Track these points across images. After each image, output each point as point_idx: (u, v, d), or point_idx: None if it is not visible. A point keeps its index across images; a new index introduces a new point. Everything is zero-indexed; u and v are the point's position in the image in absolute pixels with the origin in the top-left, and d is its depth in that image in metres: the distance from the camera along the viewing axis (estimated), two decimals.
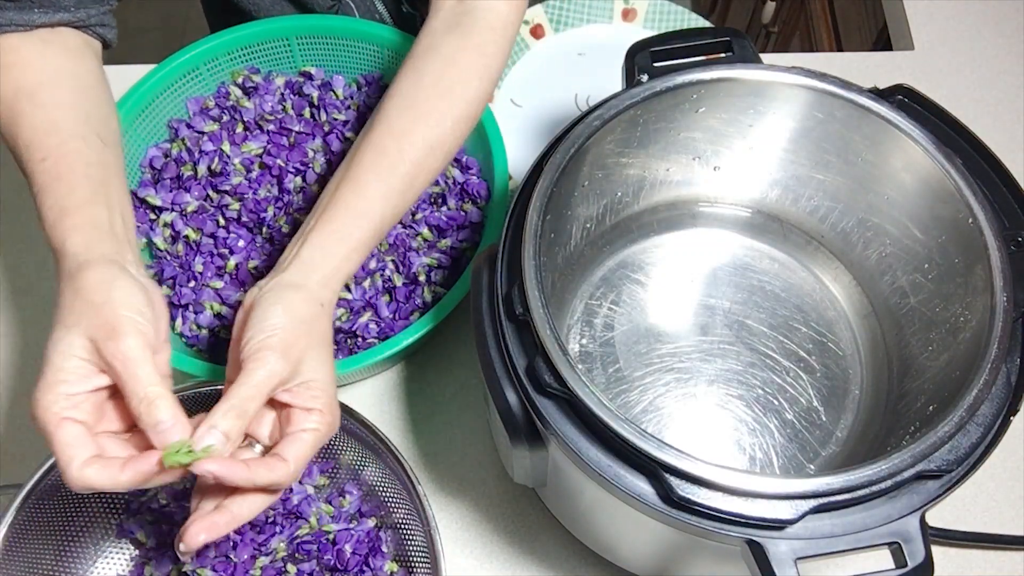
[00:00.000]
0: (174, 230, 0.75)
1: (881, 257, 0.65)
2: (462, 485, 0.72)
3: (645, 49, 0.60)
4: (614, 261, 0.70)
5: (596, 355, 0.67)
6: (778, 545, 0.46)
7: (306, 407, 0.51)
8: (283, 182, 0.76)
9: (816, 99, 0.60)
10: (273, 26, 0.79)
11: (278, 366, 0.50)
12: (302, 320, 0.52)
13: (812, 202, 0.68)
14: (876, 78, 0.72)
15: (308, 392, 0.51)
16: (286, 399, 0.51)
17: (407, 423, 0.74)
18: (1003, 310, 0.51)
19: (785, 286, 0.70)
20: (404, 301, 0.73)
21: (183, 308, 0.73)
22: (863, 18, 1.19)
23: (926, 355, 0.60)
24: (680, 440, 0.52)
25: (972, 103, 0.89)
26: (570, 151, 0.56)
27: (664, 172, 0.68)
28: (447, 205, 0.76)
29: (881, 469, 0.46)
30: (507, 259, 0.54)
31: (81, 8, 0.62)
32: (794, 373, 0.66)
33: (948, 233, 0.57)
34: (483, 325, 0.53)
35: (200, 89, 0.80)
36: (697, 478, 0.46)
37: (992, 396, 0.50)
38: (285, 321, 0.51)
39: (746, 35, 0.61)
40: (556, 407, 0.50)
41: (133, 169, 0.77)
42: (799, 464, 0.63)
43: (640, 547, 0.60)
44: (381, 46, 0.79)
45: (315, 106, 0.80)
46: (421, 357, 0.77)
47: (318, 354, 0.52)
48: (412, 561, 0.65)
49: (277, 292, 0.53)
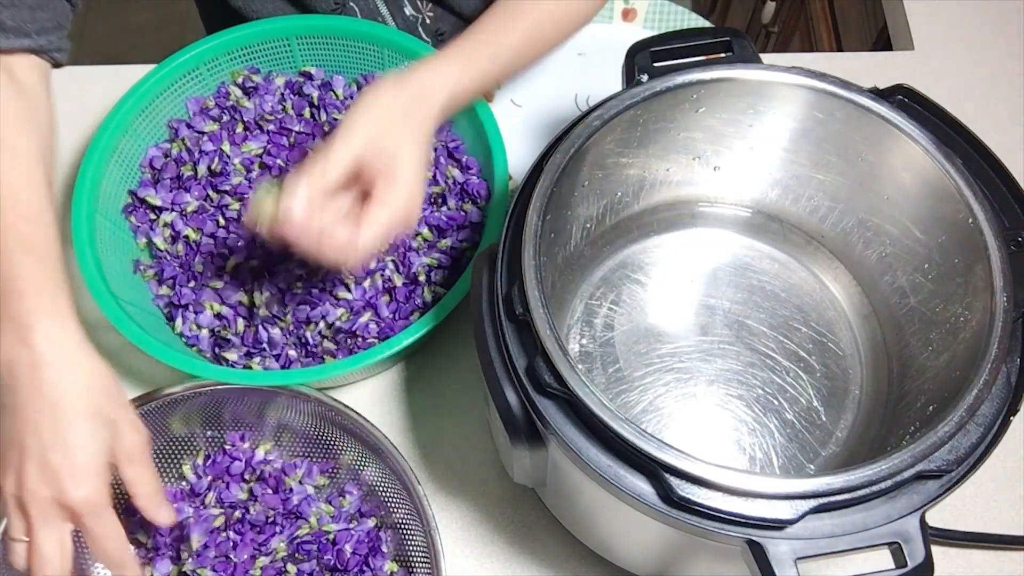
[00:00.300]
0: (174, 230, 0.75)
1: (881, 257, 0.65)
2: (462, 485, 0.72)
3: (645, 49, 0.60)
4: (614, 261, 0.70)
5: (596, 355, 0.67)
6: (778, 545, 0.46)
7: (383, 198, 0.54)
8: None
9: (816, 99, 0.60)
10: (273, 26, 0.79)
11: (361, 142, 0.54)
12: (402, 111, 0.56)
13: (812, 202, 0.68)
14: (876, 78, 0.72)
15: (390, 183, 0.54)
16: (367, 186, 0.55)
17: (407, 423, 0.74)
18: (1003, 310, 0.51)
19: (785, 286, 0.70)
20: (404, 301, 0.73)
21: (183, 308, 0.73)
22: (863, 18, 1.19)
23: (926, 355, 0.60)
24: (680, 440, 0.52)
25: (972, 103, 0.89)
26: (570, 151, 0.56)
27: (664, 172, 0.68)
28: (447, 205, 0.76)
29: (881, 469, 0.46)
30: (507, 259, 0.54)
31: (43, 35, 0.64)
32: (794, 373, 0.66)
33: (948, 233, 0.57)
34: (483, 325, 0.53)
35: (200, 89, 0.80)
36: (697, 478, 0.46)
37: (992, 396, 0.50)
38: (385, 104, 0.55)
39: (746, 35, 0.61)
40: (556, 407, 0.50)
41: (133, 169, 0.77)
42: (799, 464, 0.63)
43: (640, 547, 0.60)
44: (381, 46, 0.79)
45: (315, 106, 0.80)
46: (421, 357, 0.77)
47: (411, 149, 0.56)
48: (412, 561, 0.65)
49: (393, 80, 0.58)
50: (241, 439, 0.70)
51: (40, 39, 0.64)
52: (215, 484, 0.69)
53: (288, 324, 0.71)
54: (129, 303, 0.69)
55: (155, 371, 0.76)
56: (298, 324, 0.71)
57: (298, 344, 0.72)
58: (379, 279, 0.73)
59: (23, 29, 0.62)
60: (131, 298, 0.71)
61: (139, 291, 0.73)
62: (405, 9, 0.85)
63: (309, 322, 0.71)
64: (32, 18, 0.63)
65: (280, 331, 0.71)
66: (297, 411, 0.69)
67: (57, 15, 0.66)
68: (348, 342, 0.72)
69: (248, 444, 0.70)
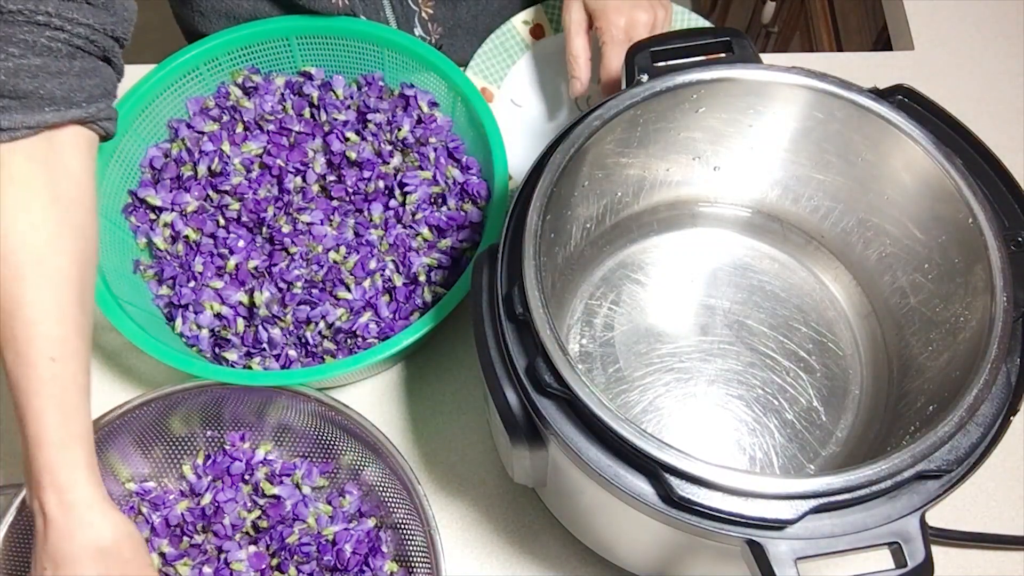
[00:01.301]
0: (174, 230, 0.75)
1: (881, 257, 0.65)
2: (462, 485, 0.72)
3: (645, 49, 0.60)
4: (614, 261, 0.70)
5: (596, 355, 0.67)
6: (778, 545, 0.46)
7: (603, 37, 0.74)
8: (283, 182, 0.76)
9: (816, 99, 0.60)
10: (273, 26, 0.79)
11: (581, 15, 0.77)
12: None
13: (812, 202, 0.68)
14: (876, 78, 0.72)
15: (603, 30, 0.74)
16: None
17: (407, 423, 0.74)
18: (1003, 310, 0.51)
19: (785, 286, 0.70)
20: (404, 301, 0.73)
21: (183, 308, 0.73)
22: (863, 18, 1.19)
23: (926, 355, 0.60)
24: (680, 440, 0.52)
25: (972, 103, 0.89)
26: (570, 151, 0.56)
27: (664, 172, 0.68)
28: (447, 205, 0.76)
29: (881, 469, 0.46)
30: (507, 259, 0.54)
31: (92, 104, 0.61)
32: (794, 373, 0.66)
33: (948, 233, 0.57)
34: (483, 325, 0.53)
35: (200, 89, 0.80)
36: (697, 478, 0.46)
37: (992, 396, 0.50)
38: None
39: (746, 35, 0.61)
40: (556, 407, 0.50)
41: (133, 169, 0.77)
42: (799, 464, 0.63)
43: (640, 547, 0.60)
44: (381, 46, 0.79)
45: (315, 106, 0.80)
46: (421, 357, 0.77)
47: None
48: (412, 561, 0.65)
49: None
50: (241, 439, 0.70)
51: (90, 108, 0.60)
52: (214, 484, 0.69)
53: (288, 324, 0.71)
54: (129, 303, 0.69)
55: (155, 371, 0.76)
56: (298, 324, 0.71)
57: (298, 344, 0.72)
58: (379, 279, 0.73)
59: (72, 99, 0.59)
60: (131, 298, 0.71)
61: (139, 291, 0.73)
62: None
63: (309, 322, 0.71)
64: (80, 86, 0.59)
65: (280, 331, 0.71)
66: (297, 411, 0.69)
67: (105, 82, 0.62)
68: (348, 342, 0.72)
69: (248, 444, 0.70)
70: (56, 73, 0.58)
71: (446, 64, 0.77)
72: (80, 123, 0.61)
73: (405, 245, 0.74)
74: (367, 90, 0.81)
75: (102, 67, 0.62)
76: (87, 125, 0.62)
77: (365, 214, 0.76)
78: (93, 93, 0.61)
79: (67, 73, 0.59)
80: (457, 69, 0.77)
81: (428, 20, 0.87)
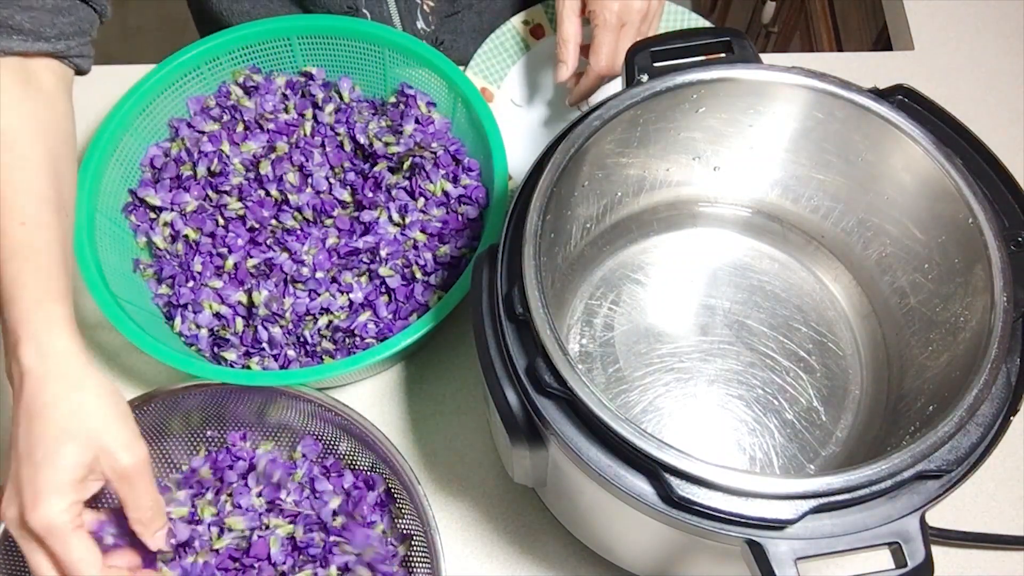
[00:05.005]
0: (174, 229, 0.75)
1: (881, 257, 0.65)
2: (462, 485, 0.72)
3: (645, 49, 0.60)
4: (614, 261, 0.70)
5: (596, 355, 0.67)
6: (778, 545, 0.46)
7: (595, 21, 0.73)
8: (283, 182, 0.76)
9: (816, 99, 0.60)
10: (274, 26, 0.79)
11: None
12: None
13: (812, 202, 0.68)
14: (876, 78, 0.72)
15: (596, 13, 0.73)
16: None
17: (407, 423, 0.74)
18: (1003, 310, 0.51)
19: (785, 286, 0.70)
20: (403, 301, 0.73)
21: (182, 308, 0.73)
22: (863, 18, 1.19)
23: (926, 355, 0.60)
24: (680, 440, 0.52)
25: (972, 103, 0.89)
26: (570, 151, 0.56)
27: (664, 172, 0.68)
28: (447, 206, 0.76)
29: (881, 469, 0.46)
30: (507, 259, 0.54)
31: (62, 40, 0.63)
32: (794, 373, 0.66)
33: (948, 233, 0.57)
34: (483, 325, 0.53)
35: (201, 88, 0.80)
36: (697, 478, 0.46)
37: (992, 396, 0.50)
38: None
39: (746, 35, 0.61)
40: (556, 407, 0.50)
41: (133, 168, 0.77)
42: (799, 464, 0.63)
43: (640, 547, 0.60)
44: (382, 46, 0.79)
45: (318, 107, 0.80)
46: (421, 357, 0.77)
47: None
48: (412, 561, 0.65)
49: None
50: (242, 439, 0.70)
51: (59, 44, 0.63)
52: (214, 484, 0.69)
53: (288, 322, 0.71)
54: (128, 302, 0.69)
55: (154, 371, 0.76)
56: (297, 319, 0.71)
57: (297, 344, 0.72)
58: (378, 278, 0.73)
59: (41, 33, 0.62)
60: (130, 297, 0.71)
61: (138, 290, 0.73)
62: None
63: (308, 313, 0.71)
64: (52, 22, 0.62)
65: (279, 330, 0.71)
66: (297, 411, 0.69)
67: (80, 21, 0.64)
68: (347, 342, 0.72)
69: (248, 444, 0.70)
70: (27, 7, 0.61)
71: (446, 64, 0.77)
72: (50, 56, 0.63)
73: (405, 245, 0.74)
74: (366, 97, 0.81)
75: (80, 6, 0.65)
76: (60, 60, 0.64)
77: (365, 214, 0.76)
78: (65, 31, 0.63)
79: (38, 8, 0.61)
80: (457, 69, 0.77)
81: (430, 12, 0.88)
